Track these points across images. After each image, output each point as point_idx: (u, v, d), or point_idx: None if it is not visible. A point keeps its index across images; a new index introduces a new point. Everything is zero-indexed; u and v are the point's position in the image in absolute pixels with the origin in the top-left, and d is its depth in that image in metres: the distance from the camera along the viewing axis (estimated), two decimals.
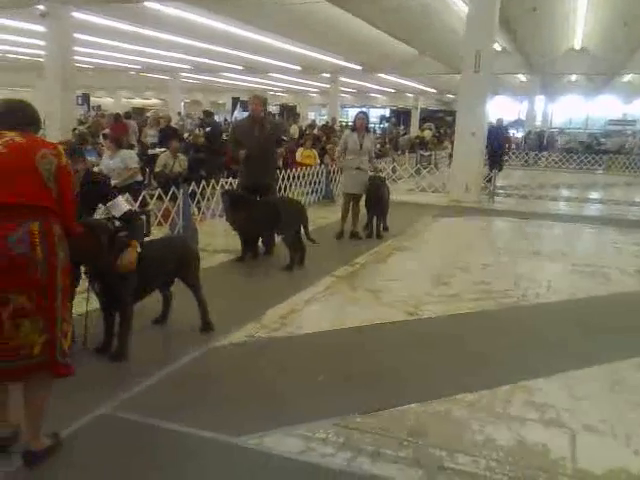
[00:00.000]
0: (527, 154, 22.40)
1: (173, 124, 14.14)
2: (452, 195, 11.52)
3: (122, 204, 3.73)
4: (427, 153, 18.25)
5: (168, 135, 10.91)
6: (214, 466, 2.73)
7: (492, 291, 5.64)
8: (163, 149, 9.77)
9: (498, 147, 13.33)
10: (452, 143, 14.89)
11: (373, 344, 4.28)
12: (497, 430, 3.10)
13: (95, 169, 6.98)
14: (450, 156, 14.72)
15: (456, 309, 5.08)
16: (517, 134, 27.83)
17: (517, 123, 30.77)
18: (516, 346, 4.33)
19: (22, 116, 2.70)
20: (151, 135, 12.49)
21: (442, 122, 32.53)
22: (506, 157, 14.58)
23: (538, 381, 3.70)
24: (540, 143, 24.40)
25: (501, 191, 12.98)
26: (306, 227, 6.40)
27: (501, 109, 29.13)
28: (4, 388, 2.66)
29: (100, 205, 3.86)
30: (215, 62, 21.31)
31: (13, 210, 2.46)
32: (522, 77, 26.07)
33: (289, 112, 34.24)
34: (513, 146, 22.05)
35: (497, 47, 14.35)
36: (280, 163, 10.47)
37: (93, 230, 3.40)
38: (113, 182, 6.95)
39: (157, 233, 6.47)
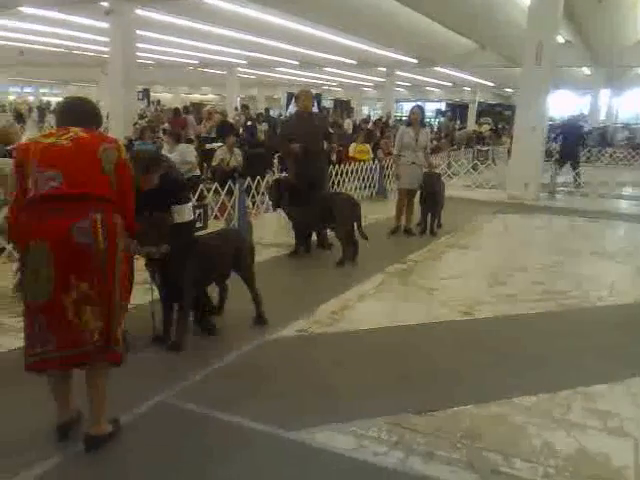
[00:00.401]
0: (589, 150, 21.55)
1: (230, 119, 14.31)
2: (510, 192, 11.22)
3: (186, 213, 3.76)
4: (485, 148, 17.87)
5: (225, 130, 11.04)
6: (265, 459, 2.75)
7: (552, 292, 5.46)
8: (219, 144, 9.90)
9: (573, 143, 12.81)
10: (511, 138, 14.50)
11: (428, 343, 4.23)
12: (556, 436, 3.00)
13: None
14: (508, 152, 14.34)
15: (514, 310, 4.95)
16: None
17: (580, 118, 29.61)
18: (577, 350, 4.17)
19: (81, 112, 2.82)
20: (204, 129, 12.69)
21: (500, 116, 31.67)
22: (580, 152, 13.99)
23: (600, 387, 3.56)
24: (603, 139, 23.41)
25: (562, 188, 12.56)
26: (359, 223, 6.37)
27: (563, 104, 28.14)
28: (68, 374, 2.76)
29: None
30: (271, 57, 21.45)
31: (77, 201, 2.56)
32: (586, 70, 25.06)
33: (343, 107, 34.16)
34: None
35: (560, 39, 13.84)
36: (334, 157, 10.45)
37: (155, 225, 3.49)
38: None
39: (214, 227, 6.58)
